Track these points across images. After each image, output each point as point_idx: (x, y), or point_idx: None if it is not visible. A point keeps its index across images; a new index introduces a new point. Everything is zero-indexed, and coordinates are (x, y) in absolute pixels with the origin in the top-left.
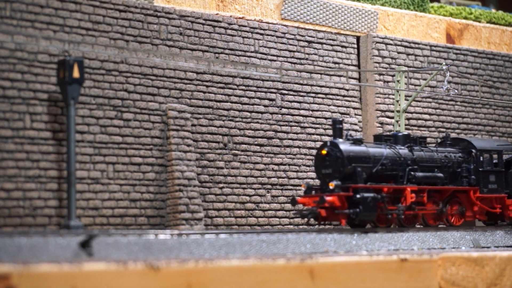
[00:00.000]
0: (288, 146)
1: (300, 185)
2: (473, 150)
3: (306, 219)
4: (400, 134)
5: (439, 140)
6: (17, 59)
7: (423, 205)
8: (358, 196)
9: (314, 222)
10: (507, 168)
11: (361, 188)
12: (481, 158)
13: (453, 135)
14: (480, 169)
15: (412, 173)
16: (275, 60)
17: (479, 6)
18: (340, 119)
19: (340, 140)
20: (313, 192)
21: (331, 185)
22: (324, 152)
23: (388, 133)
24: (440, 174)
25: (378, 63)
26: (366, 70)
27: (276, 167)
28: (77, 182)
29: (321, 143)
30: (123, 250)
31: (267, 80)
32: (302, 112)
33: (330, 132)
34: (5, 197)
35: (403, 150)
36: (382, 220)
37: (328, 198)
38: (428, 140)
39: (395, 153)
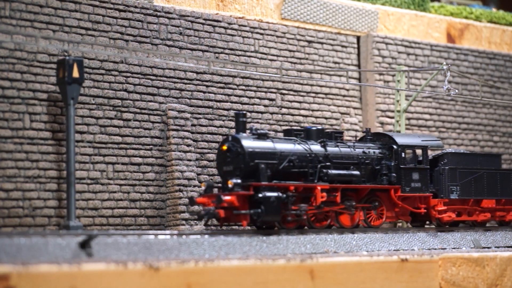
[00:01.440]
0: None
1: None
2: (394, 146)
3: (204, 221)
4: (313, 128)
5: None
6: (16, 59)
7: (337, 205)
8: (260, 195)
9: (216, 223)
10: (434, 165)
11: (264, 186)
12: (403, 155)
13: (453, 135)
14: (401, 166)
15: (324, 170)
16: (275, 60)
17: (480, 5)
18: (243, 112)
19: (243, 134)
20: (215, 191)
21: (230, 183)
22: (224, 147)
23: (299, 128)
24: (356, 172)
25: (379, 63)
26: (367, 70)
27: None
28: (76, 182)
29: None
30: (123, 250)
31: (267, 80)
32: (302, 112)
33: (329, 131)
34: (5, 198)
35: (315, 146)
36: (290, 221)
37: (226, 198)
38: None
39: (305, 149)
